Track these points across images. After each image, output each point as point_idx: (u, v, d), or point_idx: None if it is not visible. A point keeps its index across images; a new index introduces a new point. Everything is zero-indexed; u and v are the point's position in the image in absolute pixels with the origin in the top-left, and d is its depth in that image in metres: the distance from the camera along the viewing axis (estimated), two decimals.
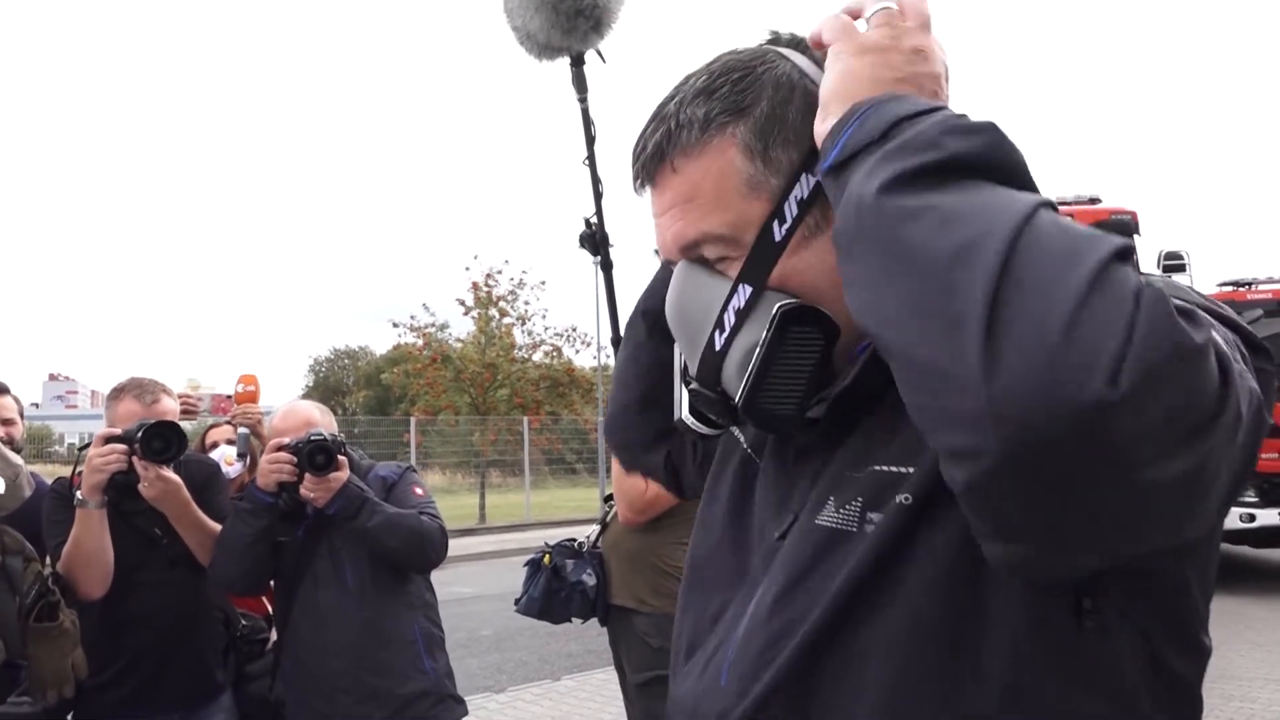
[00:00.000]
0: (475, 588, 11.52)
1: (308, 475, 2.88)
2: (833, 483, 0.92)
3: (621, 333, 3.66)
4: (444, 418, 25.16)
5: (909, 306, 0.69)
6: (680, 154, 0.95)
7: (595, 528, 3.78)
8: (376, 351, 45.38)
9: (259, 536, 2.90)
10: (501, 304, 25.93)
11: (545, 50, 3.07)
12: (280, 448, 2.92)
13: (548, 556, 3.69)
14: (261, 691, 3.17)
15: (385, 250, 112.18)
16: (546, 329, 27.21)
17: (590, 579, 3.62)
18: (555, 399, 26.66)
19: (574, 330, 27.04)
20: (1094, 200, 8.28)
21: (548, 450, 27.56)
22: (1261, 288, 9.64)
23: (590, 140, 3.46)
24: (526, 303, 26.23)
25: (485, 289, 25.78)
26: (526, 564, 3.76)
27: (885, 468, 0.87)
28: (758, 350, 0.89)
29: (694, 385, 0.96)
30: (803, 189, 0.91)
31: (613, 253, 3.34)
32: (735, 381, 0.91)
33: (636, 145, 0.99)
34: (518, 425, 24.50)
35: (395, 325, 26.04)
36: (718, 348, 0.92)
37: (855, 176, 0.77)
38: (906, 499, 0.84)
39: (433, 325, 26.20)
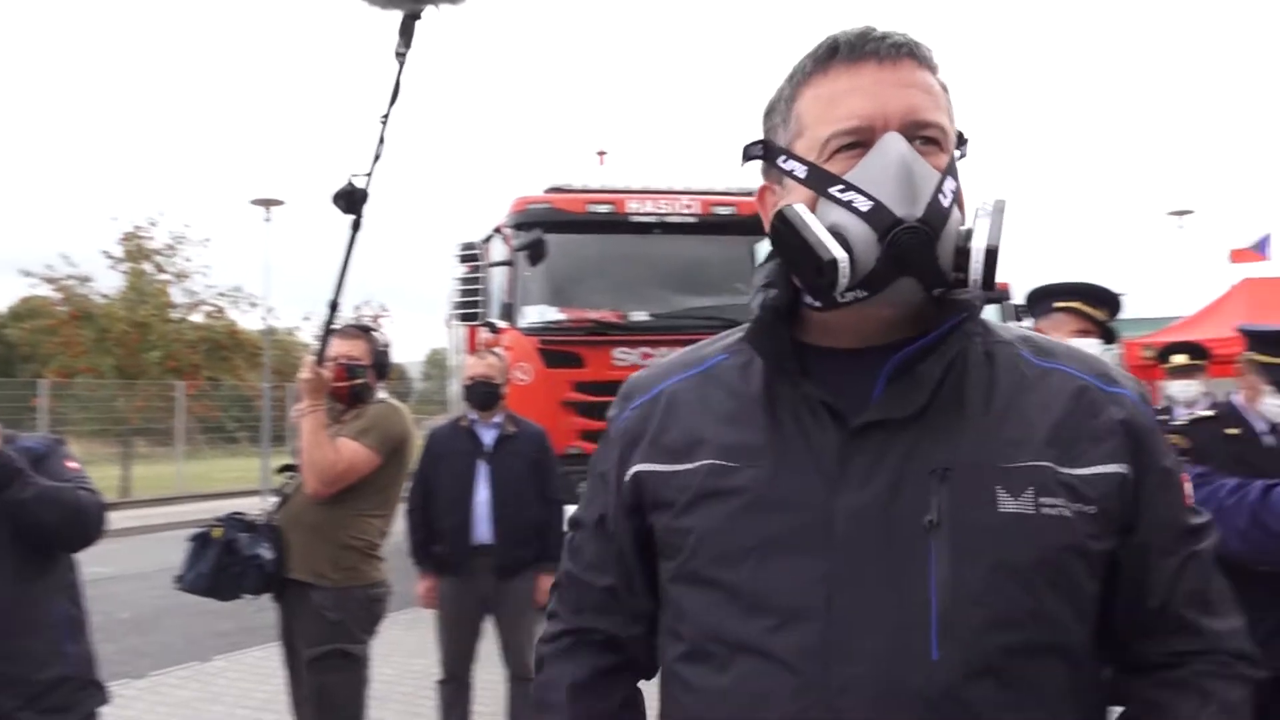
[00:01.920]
0: (114, 567, 10.55)
1: None
2: (989, 474, 1.04)
3: (340, 297, 3.54)
4: (83, 381, 22.75)
5: None
6: (924, 60, 1.10)
7: (269, 500, 3.62)
8: None
9: None
10: (157, 258, 23.81)
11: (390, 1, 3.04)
12: None
13: (218, 530, 3.47)
14: None
15: (15, 189, 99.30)
16: (209, 288, 25.33)
17: (268, 553, 3.47)
18: (216, 363, 24.92)
19: (239, 290, 25.38)
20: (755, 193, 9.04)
21: (205, 418, 25.70)
22: None
23: (394, 99, 3.33)
24: (187, 259, 24.27)
25: (137, 241, 23.55)
26: (191, 539, 3.52)
27: (1042, 463, 1.04)
28: (995, 220, 1.05)
29: (909, 225, 1.02)
30: (959, 154, 1.12)
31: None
32: (956, 238, 1.05)
33: (869, 30, 1.09)
34: (171, 390, 22.65)
35: (27, 275, 23.13)
36: (944, 205, 1.05)
37: None
38: (1072, 504, 1.04)
39: (73, 278, 23.58)
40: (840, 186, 1.05)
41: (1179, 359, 5.71)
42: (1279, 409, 3.27)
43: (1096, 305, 3.15)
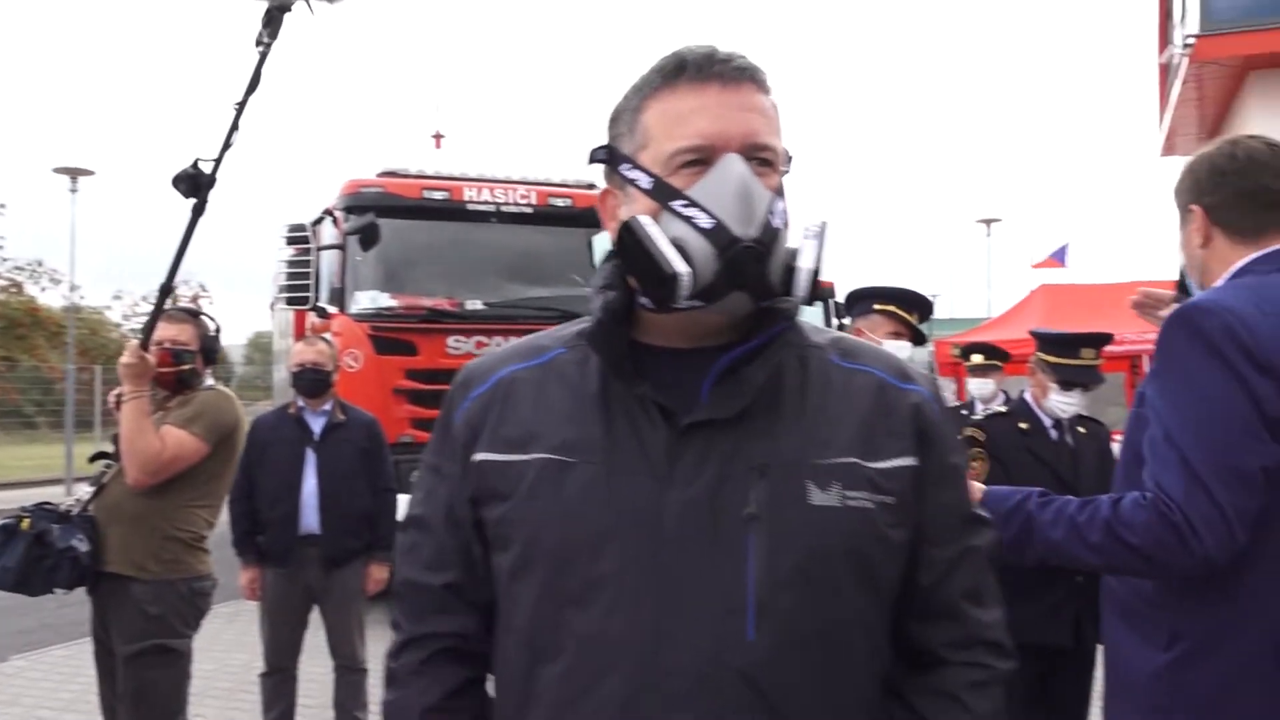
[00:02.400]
0: None
1: None
2: (802, 470, 1.13)
3: (173, 280, 3.45)
4: None
5: None
6: (761, 84, 1.18)
7: (79, 489, 3.45)
8: None
9: None
10: None
11: None
12: None
13: (26, 521, 3.29)
14: None
15: None
16: (4, 260, 23.57)
17: (83, 545, 3.31)
18: (12, 342, 23.23)
19: (40, 265, 23.73)
20: (591, 185, 9.11)
21: (0, 400, 23.92)
22: None
23: (253, 88, 3.22)
24: None
25: None
26: None
27: (849, 459, 1.14)
28: (818, 241, 1.17)
29: (745, 244, 1.11)
30: (787, 166, 1.22)
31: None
32: (785, 257, 1.15)
33: (714, 52, 1.17)
34: None
35: None
36: (775, 226, 1.14)
37: None
38: (874, 496, 1.14)
39: None
40: (683, 202, 1.13)
41: (976, 358, 6.15)
42: (1063, 405, 3.64)
43: (910, 309, 3.40)
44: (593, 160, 1.26)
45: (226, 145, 3.25)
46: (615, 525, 1.12)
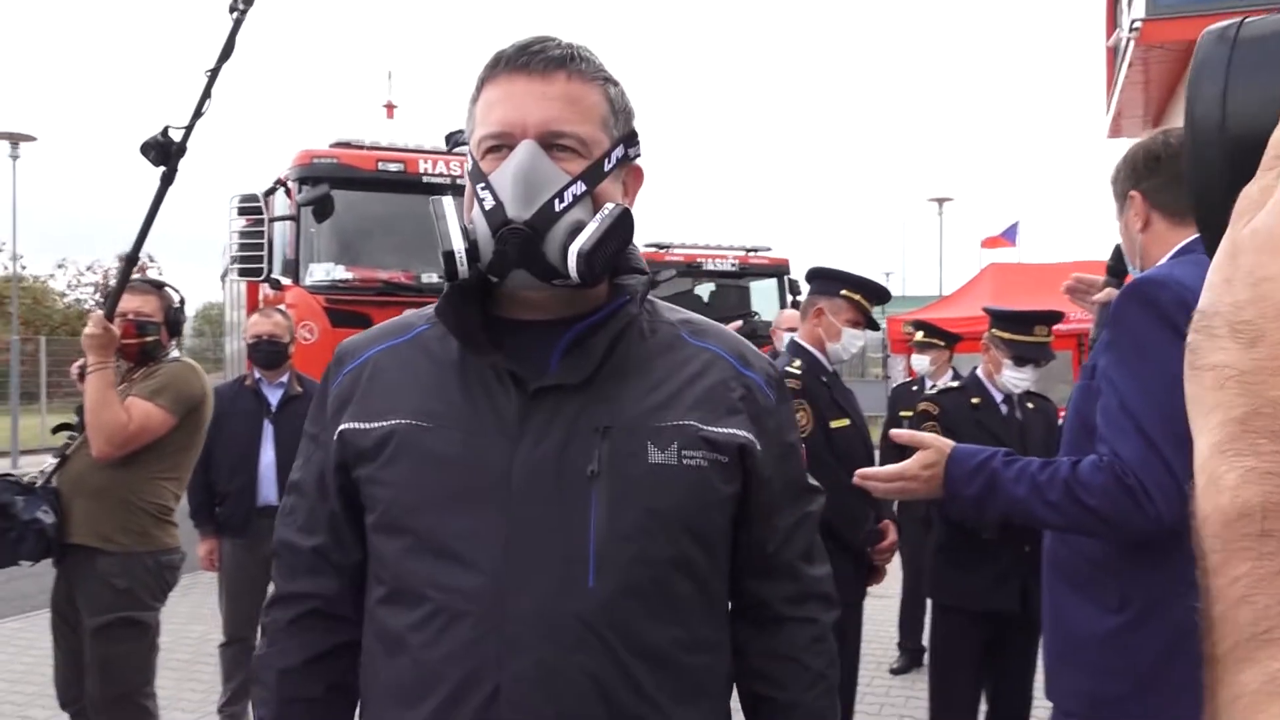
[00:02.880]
0: None
1: None
2: (642, 431, 1.22)
3: (139, 251, 3.43)
4: None
5: None
6: (577, 72, 1.24)
7: (28, 461, 3.43)
8: None
9: None
10: None
11: None
12: None
13: None
14: None
15: None
16: None
17: (48, 516, 3.29)
18: None
19: None
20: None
21: None
22: (676, 251, 11.37)
23: (226, 55, 3.19)
24: None
25: None
26: None
27: (687, 422, 1.24)
28: (600, 224, 1.20)
29: (515, 224, 1.18)
30: (620, 153, 1.28)
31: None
32: (564, 238, 1.19)
33: (531, 44, 1.24)
34: None
35: None
36: (556, 209, 1.19)
37: None
38: (719, 455, 1.25)
39: None
40: (483, 184, 1.23)
41: (918, 335, 6.32)
42: (1015, 380, 3.76)
43: (874, 302, 3.51)
44: (451, 144, 1.38)
45: (198, 113, 3.23)
46: (469, 483, 1.22)
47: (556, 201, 1.20)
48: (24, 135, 18.35)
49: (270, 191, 8.35)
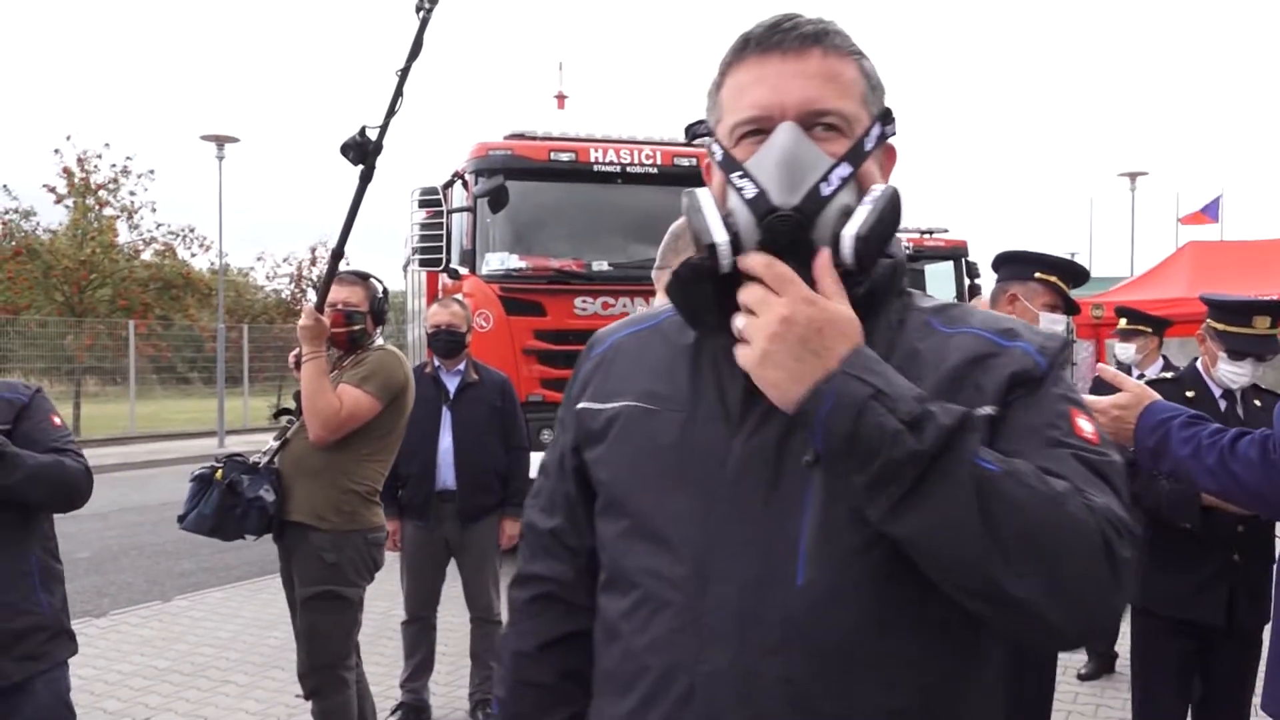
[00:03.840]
0: None
1: None
2: None
3: (344, 246, 3.61)
4: (27, 317, 22.33)
5: None
6: (832, 47, 1.18)
7: (256, 440, 3.70)
8: None
9: None
10: (101, 193, 23.30)
11: None
12: None
13: (219, 471, 3.55)
14: None
15: None
16: (158, 225, 24.88)
17: (270, 495, 3.55)
18: (167, 302, 24.56)
19: (191, 231, 24.96)
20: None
21: (155, 358, 25.39)
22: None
23: (415, 53, 3.35)
24: (132, 193, 23.78)
25: (82, 175, 23.00)
26: (193, 479, 3.61)
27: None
28: (874, 207, 1.11)
29: (783, 211, 1.10)
30: (878, 131, 1.20)
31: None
32: (835, 223, 1.11)
33: (780, 21, 1.18)
34: (121, 329, 22.31)
35: None
36: (824, 194, 1.11)
37: None
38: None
39: (14, 212, 23.05)
40: (740, 173, 1.15)
41: (1122, 322, 5.93)
42: (1232, 375, 3.45)
43: (1071, 283, 3.30)
44: (690, 135, 1.31)
45: (391, 112, 3.36)
46: (684, 467, 1.17)
47: (823, 185, 1.12)
48: (228, 137, 19.60)
49: (449, 184, 8.64)
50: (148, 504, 11.86)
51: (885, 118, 1.22)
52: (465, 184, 8.31)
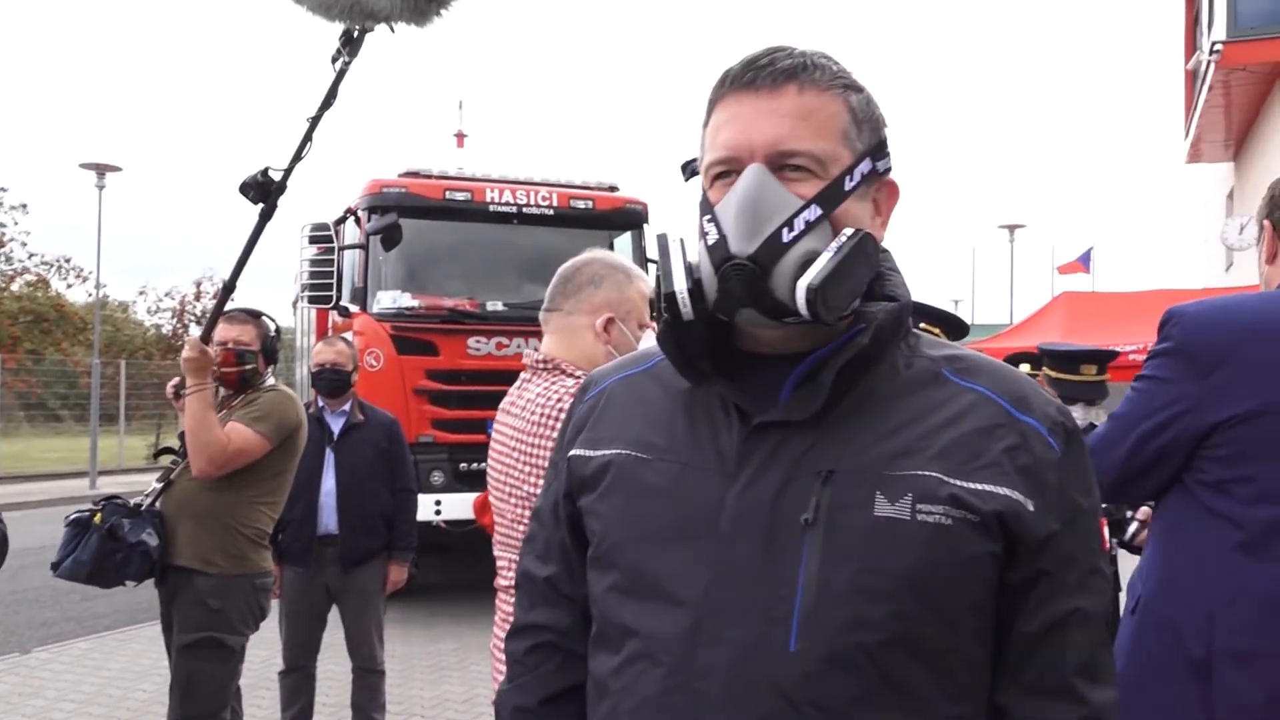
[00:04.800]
0: None
1: None
2: (869, 479, 1.07)
3: (236, 281, 3.59)
4: None
5: None
6: (810, 83, 1.13)
7: (152, 484, 3.58)
8: None
9: None
10: None
11: (346, 14, 3.06)
12: None
13: (98, 515, 3.39)
14: None
15: None
16: (30, 256, 23.83)
17: (153, 539, 3.41)
18: (38, 336, 23.47)
19: (67, 261, 23.99)
20: (613, 188, 9.10)
21: (24, 394, 24.18)
22: None
23: (329, 103, 3.33)
24: (2, 225, 22.75)
25: None
26: (69, 524, 3.44)
27: (927, 472, 1.06)
28: (832, 255, 1.08)
29: (738, 260, 1.08)
30: (865, 167, 1.14)
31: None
32: (793, 271, 1.08)
33: (759, 57, 1.14)
34: None
35: None
36: (784, 240, 1.08)
37: None
38: (968, 514, 1.05)
39: None
40: (708, 217, 1.12)
41: (1023, 368, 6.15)
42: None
43: (952, 335, 3.42)
44: (688, 174, 1.31)
45: (298, 157, 3.36)
46: (676, 522, 1.12)
47: (785, 231, 1.08)
48: (110, 166, 18.92)
49: (341, 220, 8.49)
50: (10, 549, 11.21)
51: (877, 151, 1.16)
52: (358, 220, 8.18)
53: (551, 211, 8.40)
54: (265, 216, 3.39)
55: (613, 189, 8.86)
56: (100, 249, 18.79)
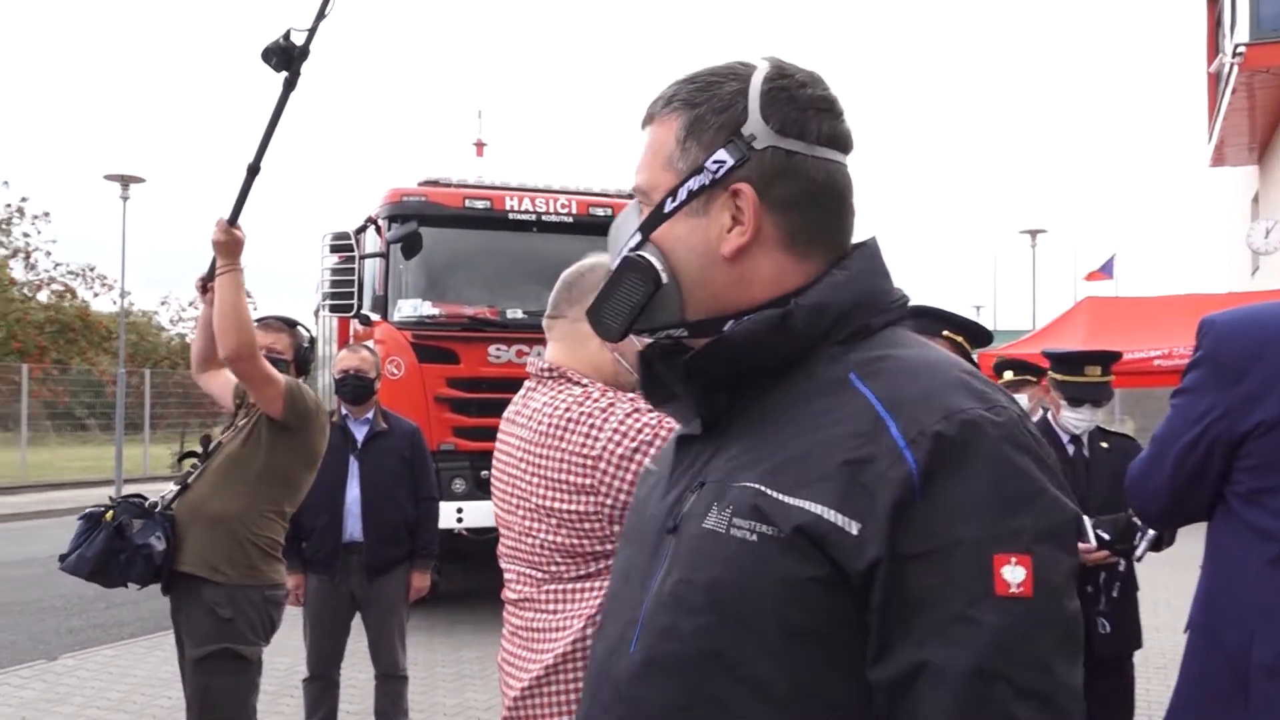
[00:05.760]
0: None
1: None
2: (717, 490, 1.05)
3: (261, 160, 3.40)
4: None
5: None
6: (656, 117, 1.17)
7: (160, 487, 3.49)
8: None
9: None
10: None
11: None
12: None
13: (109, 513, 3.33)
14: None
15: None
16: (56, 265, 24.10)
17: (159, 543, 3.31)
18: (64, 345, 23.71)
19: (92, 270, 24.23)
20: (631, 196, 9.12)
21: (51, 403, 24.42)
22: None
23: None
24: (26, 234, 23.01)
25: None
26: (81, 517, 3.39)
27: (754, 485, 1.01)
28: (601, 293, 1.14)
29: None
30: (698, 182, 1.11)
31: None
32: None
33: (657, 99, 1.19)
34: (14, 373, 21.43)
35: None
36: (612, 268, 1.16)
37: None
38: (772, 529, 0.97)
39: None
40: None
41: (1007, 374, 6.08)
42: (1074, 421, 3.82)
43: (976, 344, 3.44)
44: None
45: (321, 15, 3.15)
46: (632, 527, 1.23)
47: (617, 260, 1.17)
48: (134, 177, 19.11)
49: (361, 229, 8.55)
50: (35, 556, 11.31)
51: (729, 155, 1.08)
52: (379, 229, 8.23)
53: (571, 219, 8.42)
54: (289, 84, 3.20)
55: (631, 196, 8.89)
56: (125, 259, 18.97)
